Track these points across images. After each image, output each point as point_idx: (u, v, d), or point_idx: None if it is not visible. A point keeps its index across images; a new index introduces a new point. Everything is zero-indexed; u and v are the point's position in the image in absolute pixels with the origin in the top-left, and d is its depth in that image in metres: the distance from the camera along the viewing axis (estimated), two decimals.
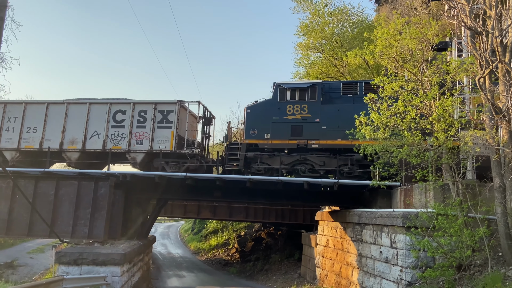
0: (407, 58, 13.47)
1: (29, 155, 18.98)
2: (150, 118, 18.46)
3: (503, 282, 8.81)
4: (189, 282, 23.78)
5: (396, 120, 12.58)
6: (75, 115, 18.91)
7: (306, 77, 30.31)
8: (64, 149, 18.61)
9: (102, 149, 18.43)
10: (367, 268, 13.84)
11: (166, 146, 18.13)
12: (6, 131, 19.08)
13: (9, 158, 18.83)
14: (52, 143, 18.71)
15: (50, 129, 18.87)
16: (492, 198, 10.42)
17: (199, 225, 45.24)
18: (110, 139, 18.55)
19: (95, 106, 18.98)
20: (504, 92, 10.05)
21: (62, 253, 15.02)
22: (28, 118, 19.09)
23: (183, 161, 18.16)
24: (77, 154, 18.61)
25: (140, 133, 18.46)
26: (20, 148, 18.83)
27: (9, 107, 19.32)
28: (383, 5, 32.59)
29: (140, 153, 18.35)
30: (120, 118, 18.75)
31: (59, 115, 18.95)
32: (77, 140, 18.63)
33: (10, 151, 18.86)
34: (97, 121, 18.75)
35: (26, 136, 18.95)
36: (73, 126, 18.77)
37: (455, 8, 11.41)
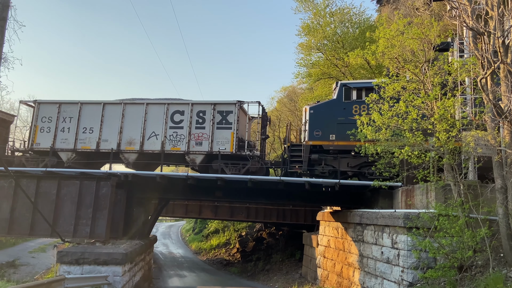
0: (408, 58, 13.47)
1: (85, 156, 18.79)
2: (209, 119, 18.11)
3: (504, 283, 8.81)
4: (190, 282, 23.80)
5: (398, 121, 12.57)
6: (132, 116, 18.66)
7: (308, 77, 30.31)
8: (121, 150, 18.37)
9: (160, 150, 18.12)
10: (368, 269, 13.84)
11: (226, 148, 17.76)
12: (61, 132, 18.83)
13: (65, 159, 18.52)
14: (109, 144, 18.47)
15: (107, 129, 18.67)
16: (494, 199, 10.41)
17: (200, 225, 45.29)
18: (169, 140, 18.22)
19: (152, 107, 18.71)
20: (506, 92, 10.05)
21: (63, 253, 15.04)
22: (84, 118, 18.87)
23: (243, 163, 17.70)
24: (135, 155, 18.34)
25: (199, 134, 18.11)
26: (77, 149, 18.57)
27: (63, 107, 19.07)
28: (384, 6, 32.56)
29: (200, 155, 17.93)
30: (178, 119, 18.43)
31: (115, 116, 18.73)
32: (135, 141, 18.40)
33: (66, 152, 18.58)
34: (155, 122, 18.47)
35: (83, 136, 18.70)
36: (130, 126, 18.53)
37: (457, 8, 11.41)
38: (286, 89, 45.34)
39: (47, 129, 18.96)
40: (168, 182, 18.18)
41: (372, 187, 15.09)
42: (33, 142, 18.92)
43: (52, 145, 18.68)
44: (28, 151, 19.30)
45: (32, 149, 18.94)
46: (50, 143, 18.72)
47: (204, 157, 17.91)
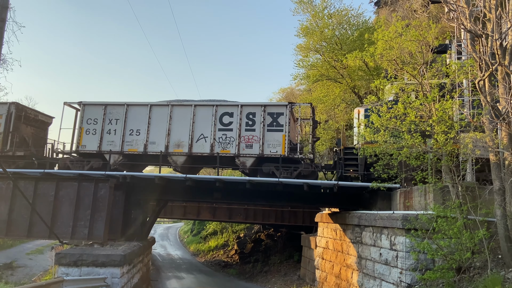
0: (407, 60, 13.52)
1: (132, 159, 18.55)
2: (259, 121, 17.75)
3: (502, 285, 8.84)
4: (188, 283, 23.77)
5: (396, 122, 12.62)
6: (179, 117, 18.35)
7: (306, 79, 30.34)
8: (169, 153, 18.07)
9: (210, 153, 17.81)
10: (367, 270, 13.86)
11: (278, 151, 17.39)
12: (107, 134, 18.56)
13: (112, 161, 18.26)
14: (157, 146, 18.20)
15: (154, 131, 18.35)
16: (492, 201, 10.44)
17: (198, 227, 45.25)
18: (218, 143, 17.90)
19: (200, 108, 18.38)
20: (503, 94, 10.09)
21: (62, 254, 15.00)
22: (130, 120, 18.60)
23: (294, 166, 17.30)
24: (183, 158, 18.01)
25: (250, 137, 17.73)
26: (124, 151, 18.30)
27: (109, 109, 18.82)
28: (382, 8, 32.68)
29: (250, 158, 17.58)
30: (227, 121, 18.08)
31: (162, 117, 18.43)
32: (183, 144, 18.05)
33: (112, 154, 18.34)
34: (203, 124, 18.15)
35: (129, 139, 18.41)
36: (178, 128, 18.21)
37: (455, 10, 11.45)
38: (284, 90, 45.43)
39: (92, 131, 18.66)
40: (166, 184, 18.16)
41: (370, 189, 15.14)
42: (79, 144, 18.59)
43: (99, 147, 18.40)
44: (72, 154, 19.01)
45: (78, 151, 18.62)
46: (96, 145, 18.46)
47: (254, 160, 17.57)
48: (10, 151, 18.67)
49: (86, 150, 18.58)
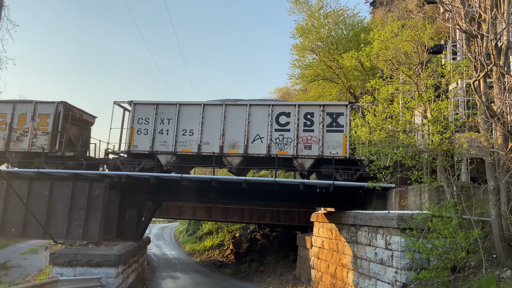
0: (402, 60, 13.56)
1: (185, 159, 18.23)
2: (317, 121, 17.21)
3: (497, 284, 8.88)
4: (184, 283, 23.72)
5: (392, 122, 12.65)
6: (234, 117, 17.90)
7: (302, 79, 30.34)
8: (224, 154, 17.61)
9: (266, 154, 17.34)
10: (362, 270, 13.88)
11: (338, 152, 16.79)
12: (159, 134, 18.17)
13: (164, 162, 17.90)
14: (211, 147, 17.77)
15: (208, 132, 17.92)
16: (486, 200, 10.49)
17: (194, 226, 45.17)
18: (275, 144, 17.41)
19: (255, 108, 17.88)
20: (498, 95, 10.14)
21: (56, 254, 14.92)
22: (183, 120, 18.18)
23: (355, 168, 16.68)
24: (239, 159, 17.55)
25: (308, 137, 17.18)
26: (177, 151, 17.87)
27: (161, 108, 18.43)
28: (378, 8, 32.74)
29: (309, 159, 17.04)
30: (284, 121, 17.58)
31: (216, 117, 18.02)
32: (238, 144, 17.59)
33: (165, 155, 17.94)
34: (259, 124, 17.69)
35: (182, 139, 17.99)
36: (232, 129, 17.77)
37: (451, 11, 11.49)
38: (280, 90, 45.48)
39: (144, 131, 18.29)
40: (162, 183, 18.11)
41: (366, 188, 15.16)
42: (130, 145, 18.21)
43: (151, 147, 18.04)
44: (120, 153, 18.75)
45: (129, 151, 18.24)
46: (148, 145, 18.09)
47: (313, 162, 17.04)
48: (59, 152, 18.36)
49: (138, 150, 18.14)
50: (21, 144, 18.74)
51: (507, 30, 10.55)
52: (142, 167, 17.84)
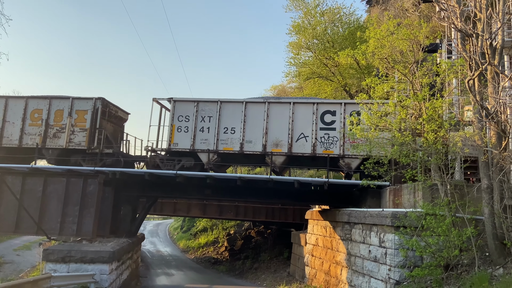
0: (398, 59, 13.60)
1: (227, 158, 17.99)
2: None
3: (489, 282, 8.94)
4: (178, 280, 23.69)
5: (387, 121, 12.69)
6: (276, 116, 17.58)
7: (297, 77, 30.36)
8: (267, 152, 17.32)
9: (311, 153, 17.03)
10: (356, 267, 13.94)
11: None
12: (200, 132, 17.91)
13: (205, 160, 17.70)
14: (253, 145, 17.51)
15: (250, 130, 17.67)
16: (480, 199, 10.56)
17: (188, 223, 45.13)
18: (320, 143, 17.06)
19: (299, 106, 17.52)
20: (493, 94, 10.19)
21: (49, 251, 14.85)
22: (224, 117, 17.93)
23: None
24: (282, 158, 17.32)
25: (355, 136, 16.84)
26: (218, 150, 17.64)
27: (201, 106, 18.15)
28: (374, 6, 32.78)
29: (356, 159, 16.74)
30: (329, 120, 17.23)
31: (258, 115, 17.71)
32: (282, 143, 17.27)
33: (206, 153, 17.74)
34: (303, 122, 17.34)
35: (224, 137, 17.75)
36: (275, 127, 17.42)
37: (446, 10, 11.52)
38: (276, 88, 45.40)
39: (184, 129, 18.03)
40: (156, 180, 18.05)
41: (360, 186, 15.22)
42: (170, 142, 17.96)
43: (192, 145, 17.79)
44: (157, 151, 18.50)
45: (169, 149, 18.01)
46: (189, 143, 17.85)
47: (361, 161, 16.50)
48: (97, 149, 18.15)
49: (178, 148, 17.89)
50: (58, 141, 18.50)
51: (502, 29, 10.61)
52: (182, 166, 17.64)
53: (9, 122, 18.94)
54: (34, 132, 18.71)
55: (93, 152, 18.14)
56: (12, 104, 19.08)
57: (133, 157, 19.53)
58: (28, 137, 18.71)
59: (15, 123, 18.89)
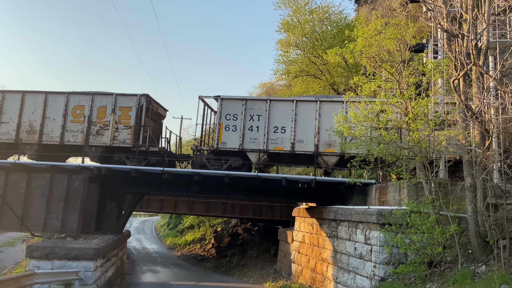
0: (385, 58, 13.72)
1: (277, 158, 17.57)
2: None
3: (472, 279, 9.10)
4: (164, 277, 23.58)
5: (374, 119, 12.80)
6: (329, 115, 16.75)
7: (286, 74, 30.44)
8: (320, 153, 16.83)
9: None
10: (342, 264, 14.06)
11: None
12: (249, 131, 17.44)
13: (254, 160, 17.27)
14: (305, 145, 16.98)
15: (301, 129, 17.11)
16: (463, 197, 10.73)
17: (175, 220, 44.95)
18: None
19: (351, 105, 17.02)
20: (477, 94, 10.35)
21: (33, 247, 14.63)
22: (274, 116, 17.38)
23: None
24: (336, 158, 16.85)
25: None
26: (269, 150, 17.18)
27: (250, 104, 17.69)
28: (362, 5, 33.00)
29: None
30: None
31: (310, 114, 17.18)
32: (335, 143, 16.68)
33: (255, 152, 17.24)
34: None
35: (274, 136, 17.23)
36: (328, 126, 16.25)
37: (433, 10, 11.65)
38: (265, 85, 45.45)
39: (232, 128, 17.56)
40: (143, 177, 17.90)
41: (347, 184, 15.33)
42: (218, 141, 17.50)
43: (241, 145, 17.31)
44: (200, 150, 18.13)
45: (217, 148, 17.56)
46: (238, 142, 17.37)
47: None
48: (143, 147, 17.71)
49: (226, 148, 17.44)
50: (101, 138, 18.01)
51: (487, 30, 10.77)
52: (229, 165, 17.33)
53: (49, 119, 18.36)
54: (76, 129, 18.20)
55: (139, 150, 17.79)
56: (52, 100, 18.49)
57: (178, 157, 19.12)
58: (70, 134, 18.19)
59: (55, 120, 18.34)
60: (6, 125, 18.42)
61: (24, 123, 18.35)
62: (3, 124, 18.43)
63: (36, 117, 18.37)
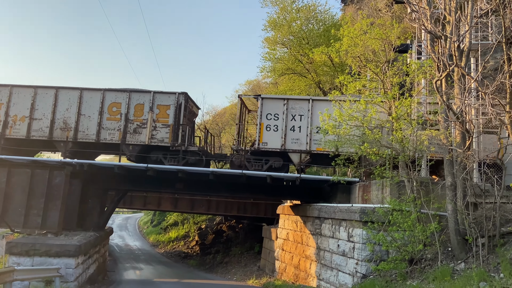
0: (370, 58, 13.87)
1: (319, 159, 17.28)
2: None
3: (451, 276, 9.29)
4: (147, 274, 23.42)
5: (358, 118, 12.93)
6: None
7: (272, 72, 30.44)
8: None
9: None
10: (325, 261, 14.19)
11: None
12: (291, 131, 17.12)
13: (296, 161, 16.92)
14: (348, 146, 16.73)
15: None
16: (444, 196, 10.94)
17: (159, 217, 44.61)
18: None
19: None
20: (458, 95, 10.55)
21: (13, 243, 14.36)
22: (316, 116, 16.79)
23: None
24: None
25: None
26: (312, 150, 16.90)
27: (291, 104, 17.34)
28: (349, 5, 33.26)
29: None
30: None
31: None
32: None
33: (297, 153, 16.91)
34: None
35: (317, 137, 16.88)
36: None
37: (417, 11, 11.82)
38: (251, 82, 45.42)
39: (274, 128, 17.22)
40: (126, 173, 17.72)
41: (331, 182, 15.46)
42: (259, 141, 17.19)
43: (283, 145, 17.02)
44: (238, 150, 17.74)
45: (258, 148, 17.26)
46: (279, 143, 17.06)
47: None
48: (181, 146, 17.33)
49: (267, 148, 17.13)
50: (139, 137, 17.68)
51: (469, 32, 10.98)
52: (270, 166, 17.09)
53: (84, 116, 17.97)
54: (112, 127, 17.83)
55: (177, 149, 17.49)
56: (87, 97, 18.10)
57: (215, 156, 18.80)
58: (106, 132, 17.80)
59: (91, 117, 17.94)
60: (39, 122, 18.02)
61: (58, 120, 18.00)
62: (35, 121, 18.00)
63: (71, 114, 18.02)
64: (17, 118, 18.06)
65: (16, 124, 17.99)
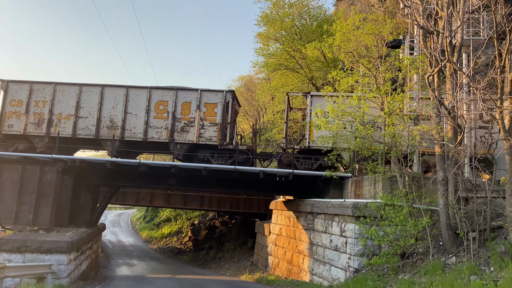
0: (363, 53, 13.88)
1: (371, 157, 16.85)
2: None
3: (443, 270, 9.38)
4: (140, 270, 23.37)
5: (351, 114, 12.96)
6: None
7: (265, 67, 30.36)
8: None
9: None
10: (318, 256, 14.25)
11: None
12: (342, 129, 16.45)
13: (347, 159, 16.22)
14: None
15: None
16: (435, 190, 11.03)
17: (151, 213, 44.50)
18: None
19: None
20: (450, 90, 10.61)
21: (4, 240, 14.21)
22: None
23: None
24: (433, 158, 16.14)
25: None
26: None
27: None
28: (341, 0, 33.23)
29: None
30: None
31: None
32: None
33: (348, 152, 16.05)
34: None
35: None
36: None
37: (410, 7, 11.84)
38: (244, 78, 45.35)
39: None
40: (119, 169, 17.60)
41: (324, 177, 15.50)
42: (310, 140, 16.86)
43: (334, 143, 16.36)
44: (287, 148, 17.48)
45: (308, 147, 16.95)
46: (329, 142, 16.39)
47: None
48: (229, 144, 17.05)
49: (318, 147, 16.63)
50: (187, 135, 17.42)
51: (461, 28, 11.03)
52: (320, 165, 16.83)
53: (131, 114, 17.69)
54: (160, 125, 17.57)
55: (225, 148, 17.28)
56: (133, 95, 17.81)
57: (265, 155, 18.57)
58: (153, 131, 17.54)
59: (137, 115, 17.67)
60: (84, 120, 17.73)
61: (104, 118, 17.71)
62: (81, 119, 17.71)
63: (117, 112, 17.75)
64: (62, 116, 17.75)
65: (61, 122, 17.70)
